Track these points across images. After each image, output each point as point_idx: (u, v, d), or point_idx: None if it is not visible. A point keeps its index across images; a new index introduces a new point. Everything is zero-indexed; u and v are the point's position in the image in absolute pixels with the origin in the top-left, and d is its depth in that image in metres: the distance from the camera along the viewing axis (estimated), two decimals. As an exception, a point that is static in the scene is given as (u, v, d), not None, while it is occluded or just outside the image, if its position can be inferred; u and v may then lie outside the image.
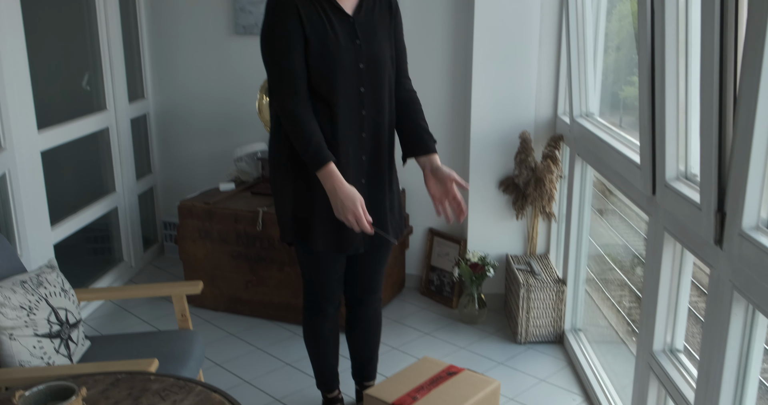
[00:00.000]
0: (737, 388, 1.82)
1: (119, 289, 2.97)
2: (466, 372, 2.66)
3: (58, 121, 3.73)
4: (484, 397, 2.53)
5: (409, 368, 2.69)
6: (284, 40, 2.35)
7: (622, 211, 4.36)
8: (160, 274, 4.52)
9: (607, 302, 3.81)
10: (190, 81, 4.53)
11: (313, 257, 2.64)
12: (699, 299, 3.09)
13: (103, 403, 1.97)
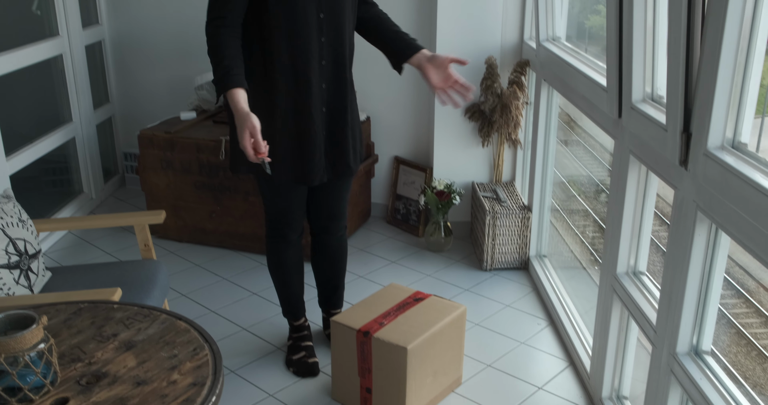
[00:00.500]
0: (698, 307, 1.85)
1: (79, 219, 2.90)
2: (433, 298, 2.67)
3: (8, 47, 3.58)
4: (450, 322, 2.56)
5: (376, 295, 2.70)
6: None
7: (586, 142, 4.37)
8: (122, 205, 4.45)
9: (570, 231, 3.85)
10: (146, 5, 4.36)
11: (275, 186, 2.61)
12: (660, 228, 3.14)
13: (66, 332, 1.94)
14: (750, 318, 3.12)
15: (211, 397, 1.68)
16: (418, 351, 2.41)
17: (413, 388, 2.44)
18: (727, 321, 3.08)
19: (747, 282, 3.16)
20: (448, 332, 2.56)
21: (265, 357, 2.90)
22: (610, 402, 2.50)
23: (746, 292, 3.12)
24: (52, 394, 1.69)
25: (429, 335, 2.45)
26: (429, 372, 2.50)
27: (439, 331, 2.50)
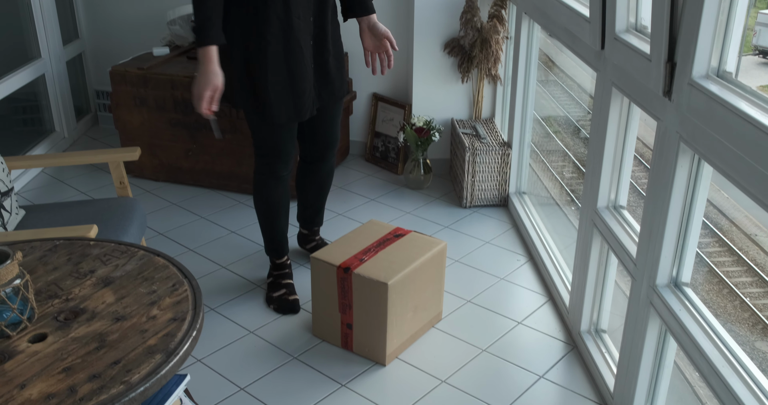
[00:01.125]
0: (679, 239, 1.85)
1: (52, 157, 2.84)
2: (413, 234, 2.67)
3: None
4: (431, 258, 2.56)
5: (356, 231, 2.69)
6: None
7: (564, 82, 4.34)
8: (96, 144, 4.37)
9: (548, 172, 3.85)
10: (114, -63, 4.21)
11: (267, 124, 2.58)
12: (636, 168, 3.13)
13: (42, 269, 1.91)
14: (722, 257, 3.16)
15: (192, 331, 1.67)
16: (399, 286, 2.41)
17: (394, 323, 2.45)
18: (700, 260, 3.12)
19: (720, 221, 3.19)
20: (429, 268, 2.56)
21: (245, 294, 2.89)
22: (588, 335, 2.53)
23: (719, 232, 3.15)
24: (30, 330, 1.66)
25: (409, 271, 2.45)
26: (409, 307, 2.51)
27: (420, 266, 2.50)
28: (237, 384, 2.41)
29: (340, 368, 2.48)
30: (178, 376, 1.76)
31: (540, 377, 2.43)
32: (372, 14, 2.69)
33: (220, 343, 2.61)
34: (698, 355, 1.68)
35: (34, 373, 1.53)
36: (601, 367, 2.36)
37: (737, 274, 3.05)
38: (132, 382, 1.50)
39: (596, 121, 2.35)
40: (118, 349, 1.60)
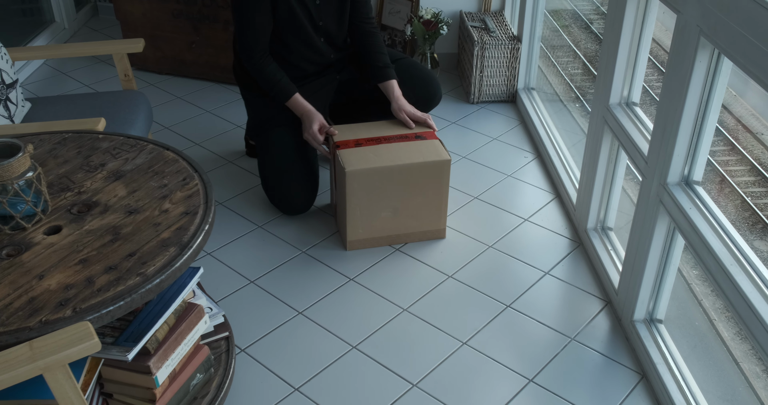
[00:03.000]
0: (693, 137, 1.83)
1: (56, 48, 2.78)
2: (434, 142, 2.55)
3: None
4: (420, 165, 2.45)
5: (387, 121, 2.66)
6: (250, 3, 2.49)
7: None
8: (96, 36, 4.28)
9: (555, 67, 3.78)
10: None
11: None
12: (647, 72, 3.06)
13: (53, 162, 1.91)
14: (726, 156, 3.14)
15: (204, 225, 1.68)
16: (363, 179, 2.41)
17: (357, 213, 2.48)
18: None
19: (726, 119, 3.16)
20: (419, 176, 2.47)
21: (252, 189, 2.90)
22: (594, 233, 2.55)
23: (724, 130, 3.13)
24: (44, 222, 1.68)
25: (383, 169, 2.41)
26: (383, 206, 2.50)
27: (402, 168, 2.43)
28: (247, 277, 2.45)
29: (345, 263, 2.52)
30: (191, 268, 1.79)
31: (545, 273, 2.47)
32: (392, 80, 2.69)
33: (230, 238, 2.64)
34: (707, 253, 1.69)
35: (51, 264, 1.56)
36: (607, 265, 2.39)
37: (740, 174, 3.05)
38: (148, 273, 1.53)
39: (612, 13, 2.29)
40: (133, 242, 1.62)
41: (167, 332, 1.72)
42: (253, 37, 2.55)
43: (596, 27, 3.87)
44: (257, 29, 2.54)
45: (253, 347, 2.17)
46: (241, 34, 2.56)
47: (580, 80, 3.60)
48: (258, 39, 2.56)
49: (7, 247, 1.60)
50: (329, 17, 2.66)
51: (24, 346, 1.35)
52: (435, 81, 2.86)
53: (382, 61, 2.72)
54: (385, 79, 2.70)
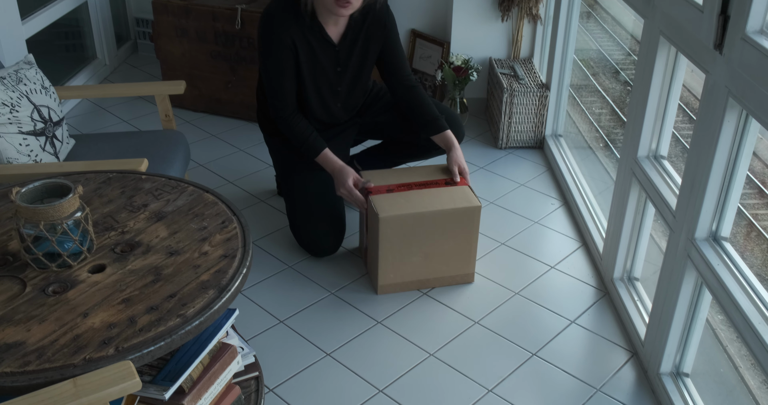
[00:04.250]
0: (721, 193, 1.87)
1: (101, 87, 2.89)
2: (464, 188, 2.60)
3: None
4: (452, 211, 2.50)
5: (418, 168, 2.71)
6: (277, 64, 2.57)
7: (604, 20, 4.26)
8: (135, 73, 4.41)
9: (584, 114, 3.83)
10: None
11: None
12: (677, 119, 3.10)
13: (98, 201, 1.98)
14: (760, 210, 3.15)
15: (242, 269, 1.74)
16: (396, 224, 2.45)
17: (389, 258, 2.52)
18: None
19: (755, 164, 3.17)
20: (450, 223, 2.52)
21: (283, 229, 2.96)
22: (621, 283, 2.58)
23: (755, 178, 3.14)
24: (89, 260, 1.74)
25: (416, 215, 2.46)
26: (414, 251, 2.54)
27: (433, 216, 2.48)
28: (276, 316, 2.50)
29: (374, 306, 2.56)
30: (227, 310, 1.84)
31: (571, 322, 2.49)
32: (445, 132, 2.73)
33: (260, 277, 2.69)
34: (734, 310, 1.72)
35: (95, 303, 1.61)
36: (633, 315, 2.41)
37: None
38: (187, 315, 1.58)
39: (641, 68, 2.34)
40: (173, 283, 1.68)
41: (201, 371, 1.76)
42: (282, 100, 2.62)
43: (627, 73, 3.91)
44: (286, 93, 2.61)
45: (281, 387, 2.21)
46: (271, 96, 2.63)
47: (608, 126, 3.64)
48: (287, 101, 2.62)
49: (54, 284, 1.67)
50: (347, 84, 2.72)
51: (68, 383, 1.41)
52: (458, 120, 2.92)
53: (432, 113, 2.74)
54: (440, 131, 2.73)
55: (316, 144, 2.63)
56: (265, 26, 2.54)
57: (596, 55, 4.19)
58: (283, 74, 2.58)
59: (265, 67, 2.61)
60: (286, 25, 2.52)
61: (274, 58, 2.56)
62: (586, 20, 4.12)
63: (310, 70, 2.62)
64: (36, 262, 1.69)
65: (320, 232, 2.71)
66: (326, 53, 2.62)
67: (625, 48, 3.95)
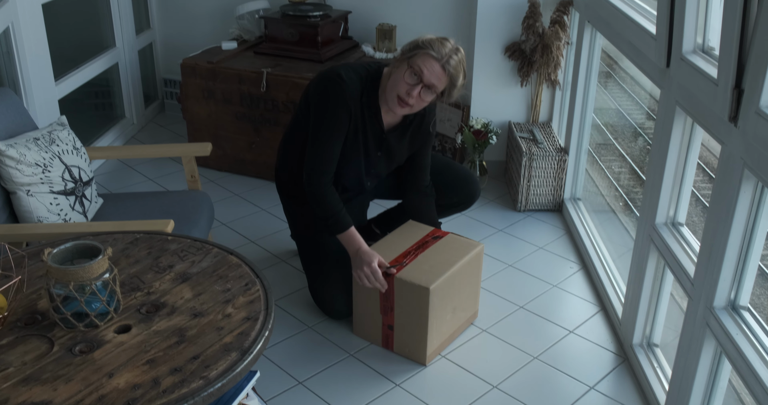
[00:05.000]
0: (739, 263, 1.89)
1: (129, 149, 2.98)
2: (451, 236, 2.72)
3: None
4: (469, 261, 2.60)
5: (396, 233, 2.75)
6: (334, 126, 2.53)
7: (624, 81, 4.33)
8: (162, 132, 4.52)
9: (604, 173, 3.87)
10: (188, -69, 4.33)
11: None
12: (699, 179, 3.13)
13: (125, 261, 2.03)
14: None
15: (264, 331, 1.77)
16: (440, 291, 2.47)
17: (434, 325, 2.52)
18: (761, 273, 3.11)
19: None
20: (467, 270, 2.62)
21: (303, 289, 2.99)
22: (640, 349, 2.57)
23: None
24: (116, 321, 1.78)
25: (450, 275, 2.50)
26: (449, 309, 2.58)
27: (459, 269, 2.55)
28: (295, 377, 2.51)
29: (392, 367, 2.57)
30: (249, 372, 1.86)
31: (590, 388, 2.49)
32: None
33: (280, 337, 2.71)
34: (754, 380, 1.72)
35: (120, 363, 1.65)
36: (653, 382, 2.40)
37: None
38: (210, 377, 1.61)
39: (658, 137, 2.39)
40: (197, 345, 1.71)
41: (222, 433, 1.78)
42: (323, 164, 2.57)
43: (647, 132, 3.95)
44: (331, 156, 2.57)
45: (299, 449, 2.21)
46: (315, 157, 2.58)
47: (628, 185, 3.67)
48: (328, 168, 2.58)
49: (80, 344, 1.70)
50: (382, 167, 2.78)
51: (93, 444, 1.43)
52: (473, 179, 2.97)
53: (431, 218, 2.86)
54: None
55: (344, 220, 2.58)
56: (333, 86, 2.51)
57: (616, 115, 4.25)
58: (334, 136, 2.55)
59: (319, 125, 2.56)
60: (354, 92, 2.51)
61: (333, 117, 2.52)
62: (605, 80, 4.19)
63: (354, 145, 2.62)
64: (64, 321, 1.73)
65: (336, 294, 2.73)
66: (374, 135, 2.63)
67: (644, 108, 4.00)
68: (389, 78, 2.51)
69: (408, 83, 2.44)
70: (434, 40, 2.46)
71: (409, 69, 2.44)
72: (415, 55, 2.44)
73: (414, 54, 2.44)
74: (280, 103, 3.68)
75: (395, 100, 2.47)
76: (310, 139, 2.59)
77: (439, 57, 2.42)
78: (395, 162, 2.79)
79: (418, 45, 2.45)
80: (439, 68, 2.43)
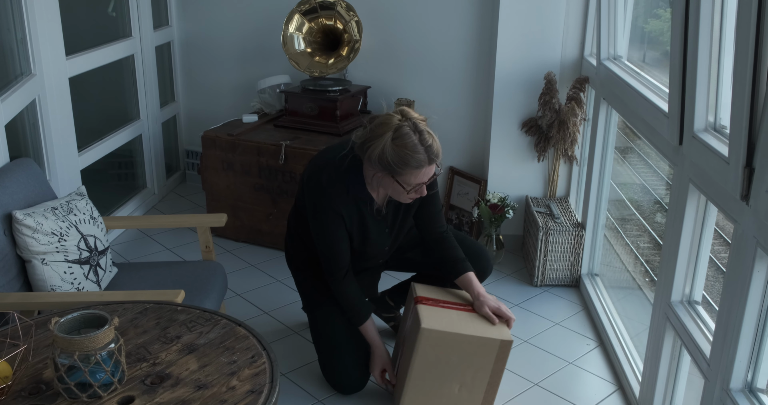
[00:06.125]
0: (755, 343, 1.85)
1: (145, 219, 3.01)
2: None
3: (85, 47, 3.72)
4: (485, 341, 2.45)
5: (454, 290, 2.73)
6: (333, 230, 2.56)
7: (641, 150, 4.33)
8: (182, 202, 4.57)
9: (626, 247, 3.83)
10: (215, 9, 4.48)
11: None
12: (721, 248, 3.09)
13: (133, 331, 2.03)
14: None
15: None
16: (435, 338, 2.40)
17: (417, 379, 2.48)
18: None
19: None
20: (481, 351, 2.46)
21: (315, 362, 2.96)
22: (657, 429, 2.50)
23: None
24: (119, 391, 1.77)
25: (457, 335, 2.43)
26: (450, 377, 2.49)
27: (470, 340, 2.44)
28: (303, 453, 2.46)
29: (404, 444, 2.51)
30: (251, 446, 1.83)
31: (605, 470, 2.41)
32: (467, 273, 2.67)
33: (289, 410, 2.68)
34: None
35: (121, 436, 1.62)
36: (669, 465, 2.33)
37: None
38: (211, 451, 1.58)
39: (672, 214, 2.38)
40: (200, 418, 1.69)
41: None
42: (336, 263, 2.60)
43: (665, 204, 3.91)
44: (343, 255, 2.59)
45: None
46: (328, 261, 2.61)
47: (651, 257, 3.62)
48: (340, 264, 2.60)
49: (82, 415, 1.69)
50: (393, 241, 2.77)
51: None
52: (485, 254, 2.93)
53: (455, 255, 2.70)
54: (462, 273, 2.68)
55: (363, 312, 2.66)
56: (317, 197, 2.53)
57: (640, 190, 4.23)
58: (337, 238, 2.57)
59: (319, 233, 2.59)
60: (338, 200, 2.50)
61: (329, 225, 2.55)
62: (626, 154, 4.20)
63: (360, 235, 2.63)
64: (67, 391, 1.72)
65: (345, 369, 2.70)
66: (373, 219, 2.63)
67: (665, 180, 3.98)
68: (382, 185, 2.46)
69: (409, 192, 2.43)
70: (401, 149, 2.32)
71: (401, 185, 2.39)
72: (399, 174, 2.36)
73: (397, 173, 2.36)
74: (298, 175, 3.73)
75: (403, 199, 2.48)
76: (317, 244, 2.63)
77: (421, 164, 2.35)
78: (405, 225, 2.77)
79: (391, 166, 2.34)
80: (429, 168, 2.39)
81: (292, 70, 4.27)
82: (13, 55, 3.11)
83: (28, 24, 3.10)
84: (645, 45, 3.52)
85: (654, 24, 3.43)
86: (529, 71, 3.75)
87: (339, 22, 4.03)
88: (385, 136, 2.32)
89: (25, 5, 3.07)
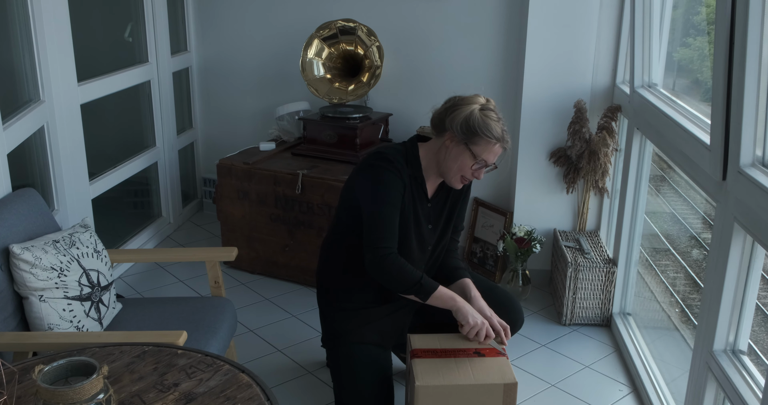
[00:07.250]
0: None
1: (152, 252, 2.89)
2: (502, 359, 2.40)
3: (100, 73, 3.63)
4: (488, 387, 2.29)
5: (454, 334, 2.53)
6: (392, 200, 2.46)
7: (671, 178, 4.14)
8: (198, 231, 4.45)
9: (660, 285, 3.64)
10: (233, 35, 4.39)
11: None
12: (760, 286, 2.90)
13: (128, 377, 1.88)
14: None
15: (270, 464, 1.58)
16: (433, 394, 2.26)
17: None
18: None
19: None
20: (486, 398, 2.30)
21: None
22: None
23: None
24: (107, 448, 1.62)
25: (456, 387, 2.27)
26: None
27: (471, 389, 2.28)
28: None
29: None
30: None
31: None
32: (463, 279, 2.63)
33: (299, 459, 2.51)
34: None
35: None
36: None
37: None
38: None
39: (715, 256, 2.19)
40: (192, 480, 1.53)
41: None
42: (391, 239, 2.45)
43: (703, 238, 3.73)
44: (395, 231, 2.46)
45: None
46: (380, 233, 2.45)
47: (689, 296, 3.42)
48: (395, 242, 2.46)
49: (65, 475, 1.54)
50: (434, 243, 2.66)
51: None
52: (516, 306, 2.73)
53: (455, 263, 2.69)
54: (458, 279, 2.62)
55: (425, 280, 2.44)
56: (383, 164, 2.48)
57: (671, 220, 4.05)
58: (394, 212, 2.46)
59: (377, 203, 2.46)
60: (401, 168, 2.49)
61: (390, 193, 2.45)
62: (659, 184, 4.02)
63: (408, 221, 2.53)
64: (50, 447, 1.57)
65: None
66: (423, 208, 2.57)
67: (700, 213, 3.80)
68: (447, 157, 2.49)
69: (473, 168, 2.48)
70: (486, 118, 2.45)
71: (471, 155, 2.46)
72: (474, 142, 2.45)
73: (473, 141, 2.44)
74: (315, 205, 3.58)
75: (458, 178, 2.51)
76: (368, 219, 2.47)
77: (499, 139, 2.46)
78: (446, 235, 2.68)
79: (473, 129, 2.44)
80: (500, 149, 2.50)
81: (311, 97, 4.16)
82: (22, 82, 3.02)
83: (37, 50, 3.01)
84: (674, 73, 3.36)
85: (683, 52, 3.28)
86: (557, 99, 3.60)
87: (360, 48, 3.91)
88: (474, 106, 2.48)
89: (34, 31, 2.98)
